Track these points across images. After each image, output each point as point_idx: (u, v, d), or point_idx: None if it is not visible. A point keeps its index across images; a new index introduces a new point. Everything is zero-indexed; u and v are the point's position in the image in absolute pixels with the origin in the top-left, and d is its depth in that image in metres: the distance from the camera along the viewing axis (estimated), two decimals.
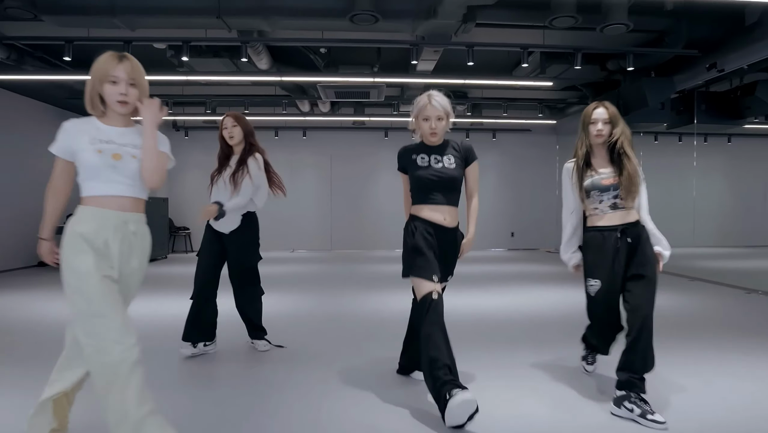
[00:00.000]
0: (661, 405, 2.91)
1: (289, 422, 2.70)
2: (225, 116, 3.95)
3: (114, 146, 2.20)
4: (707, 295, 6.75)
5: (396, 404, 2.96)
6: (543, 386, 3.27)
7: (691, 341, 4.44)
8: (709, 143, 13.38)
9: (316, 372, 3.54)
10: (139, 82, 2.25)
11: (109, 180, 2.20)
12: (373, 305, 6.00)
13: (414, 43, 6.58)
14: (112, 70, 2.19)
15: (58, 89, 9.31)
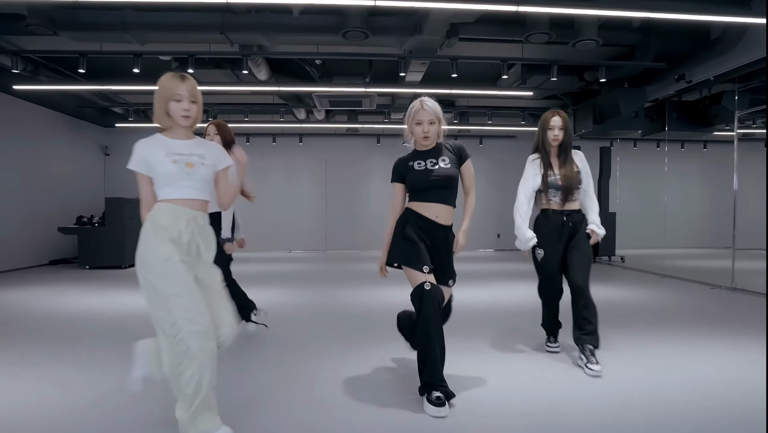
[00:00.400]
0: (624, 378, 3.39)
1: (285, 402, 3.09)
2: (209, 124, 4.16)
3: (185, 156, 2.53)
4: (675, 290, 7.17)
5: (385, 387, 3.38)
6: (518, 364, 3.70)
7: (655, 328, 4.89)
8: (686, 149, 13.86)
9: (309, 357, 3.95)
10: (197, 99, 2.58)
11: (184, 186, 2.52)
12: (364, 299, 6.44)
13: (402, 56, 7.02)
14: (176, 89, 2.50)
15: (68, 98, 9.72)
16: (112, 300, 6.35)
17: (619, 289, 7.32)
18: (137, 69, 6.66)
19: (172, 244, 2.43)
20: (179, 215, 2.49)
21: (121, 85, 8.46)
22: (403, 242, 3.02)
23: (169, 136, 2.58)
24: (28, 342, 4.33)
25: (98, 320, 5.21)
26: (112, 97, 10.55)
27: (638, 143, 13.52)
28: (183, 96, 2.50)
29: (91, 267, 9.75)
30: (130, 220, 9.85)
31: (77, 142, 11.53)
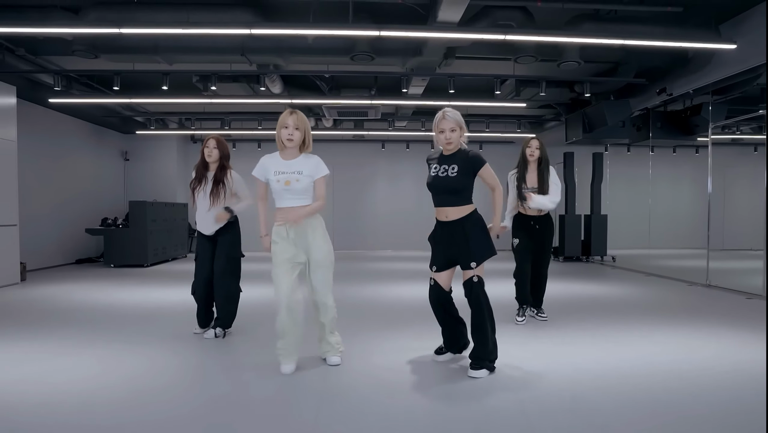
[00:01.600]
0: (606, 361, 4.10)
1: (294, 393, 3.64)
2: (209, 138, 4.55)
3: (285, 175, 3.56)
4: (657, 287, 7.83)
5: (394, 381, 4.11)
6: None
7: (638, 320, 5.60)
8: (678, 154, 14.47)
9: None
10: (301, 128, 3.57)
11: (285, 198, 3.59)
12: (371, 295, 7.14)
13: (404, 74, 7.76)
14: (285, 121, 3.55)
15: (96, 109, 10.48)
16: (136, 295, 7.00)
17: (609, 286, 7.93)
18: (166, 87, 7.42)
19: (281, 243, 3.60)
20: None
21: (147, 98, 9.21)
22: (433, 249, 3.75)
23: (281, 156, 3.64)
24: (65, 330, 4.89)
25: (126, 313, 5.78)
26: (135, 107, 11.29)
27: (632, 148, 14.09)
28: (289, 125, 3.54)
29: (116, 265, 10.48)
30: (152, 222, 10.60)
31: (100, 148, 12.28)
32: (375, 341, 4.50)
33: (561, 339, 4.58)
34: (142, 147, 13.45)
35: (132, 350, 4.20)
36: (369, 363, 3.84)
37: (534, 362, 3.86)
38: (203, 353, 4.16)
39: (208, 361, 3.95)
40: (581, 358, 3.99)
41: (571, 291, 7.37)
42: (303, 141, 3.62)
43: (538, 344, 4.41)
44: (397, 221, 14.87)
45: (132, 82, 9.35)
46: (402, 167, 15.00)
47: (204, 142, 4.60)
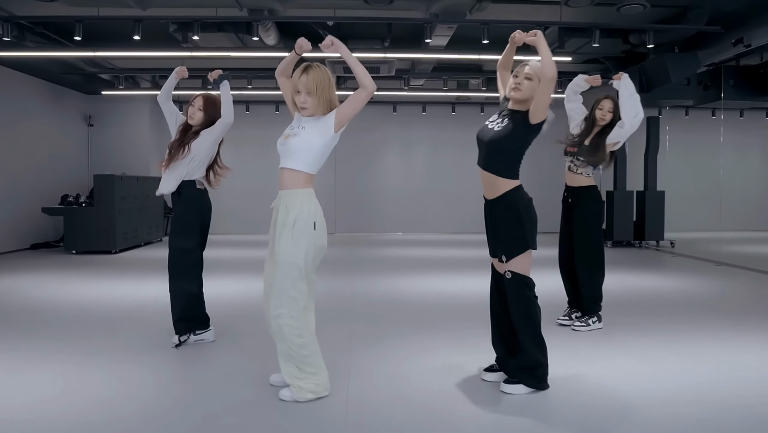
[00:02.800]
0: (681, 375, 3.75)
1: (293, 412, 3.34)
2: (197, 96, 4.35)
3: (288, 129, 3.44)
4: (733, 280, 7.52)
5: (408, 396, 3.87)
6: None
7: (712, 324, 5.28)
8: (746, 118, 14.09)
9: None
10: (316, 93, 3.20)
11: (281, 158, 3.43)
12: (381, 289, 6.91)
13: (428, 21, 7.42)
14: (296, 83, 3.22)
15: (54, 64, 10.14)
16: (101, 288, 6.76)
17: (673, 279, 7.66)
18: (138, 36, 7.10)
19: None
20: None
21: (115, 51, 8.89)
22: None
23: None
24: (15, 337, 4.62)
25: (86, 311, 5.55)
26: (100, 62, 10.96)
27: (690, 111, 13.74)
28: (300, 90, 3.20)
29: (78, 252, 10.23)
30: (121, 200, 10.35)
31: (58, 111, 11.98)
32: (399, 354, 4.22)
33: (622, 350, 4.29)
34: (109, 110, 13.14)
35: (98, 363, 3.94)
36: (395, 388, 3.50)
37: (593, 379, 3.60)
38: (185, 364, 3.95)
39: (193, 374, 3.74)
40: (652, 375, 3.69)
41: (625, 285, 7.08)
42: (328, 103, 3.30)
43: (595, 357, 4.14)
44: (409, 198, 14.61)
45: (97, 32, 8.99)
46: (416, 134, 14.68)
47: (190, 101, 4.34)
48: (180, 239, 4.27)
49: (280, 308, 3.14)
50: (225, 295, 6.22)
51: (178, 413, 3.10)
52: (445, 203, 14.35)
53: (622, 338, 4.59)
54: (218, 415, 3.01)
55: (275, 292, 3.17)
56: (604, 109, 4.73)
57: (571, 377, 3.60)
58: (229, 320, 5.06)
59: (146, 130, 13.38)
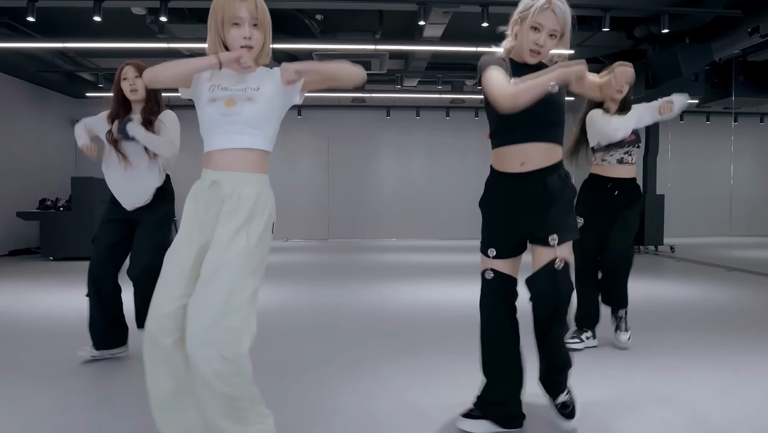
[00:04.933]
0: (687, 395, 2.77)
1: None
2: (125, 65, 3.42)
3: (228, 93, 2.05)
4: (748, 286, 6.52)
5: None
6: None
7: (725, 334, 4.21)
8: (740, 123, 13.11)
9: (310, 381, 3.23)
10: (263, 27, 2.08)
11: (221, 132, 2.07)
12: (375, 298, 5.82)
13: (421, 1, 6.28)
14: (235, 10, 2.00)
15: (28, 61, 9.01)
16: (81, 298, 5.70)
17: (681, 285, 6.72)
18: (98, 17, 5.93)
19: None
20: None
21: (86, 42, 7.77)
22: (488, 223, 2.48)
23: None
24: None
25: (64, 322, 4.61)
26: (80, 60, 9.88)
27: (686, 117, 12.80)
28: (243, 19, 2.01)
29: (56, 258, 9.18)
30: (101, 204, 9.16)
31: (42, 114, 10.90)
32: (394, 386, 3.02)
33: (650, 368, 3.12)
34: (95, 113, 11.99)
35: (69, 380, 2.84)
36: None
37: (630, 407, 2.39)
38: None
39: None
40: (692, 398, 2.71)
41: (639, 291, 6.01)
42: (262, 48, 2.10)
43: (624, 379, 2.93)
44: (403, 203, 13.60)
45: (65, 22, 7.87)
46: (411, 139, 13.68)
47: (118, 74, 3.43)
48: (165, 238, 3.47)
49: (219, 340, 1.83)
50: None
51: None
52: (440, 209, 13.45)
53: (650, 354, 3.41)
54: None
55: (218, 313, 1.84)
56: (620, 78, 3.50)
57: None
58: None
59: None
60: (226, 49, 2.05)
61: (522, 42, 2.26)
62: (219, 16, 2.03)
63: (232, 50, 2.03)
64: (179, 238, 2.01)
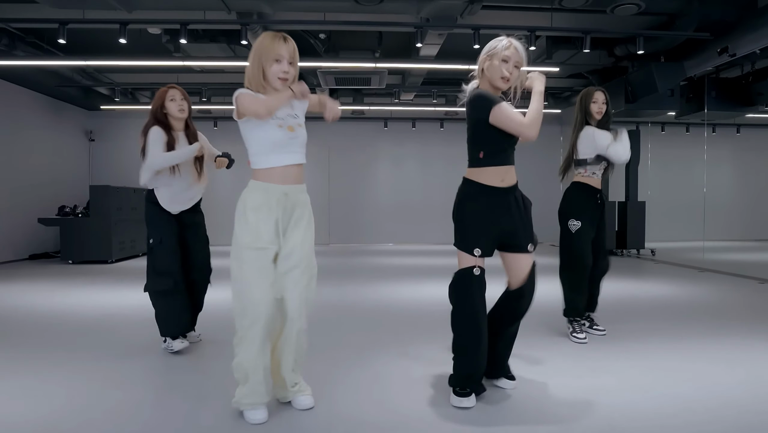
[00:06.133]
0: (658, 387, 3.08)
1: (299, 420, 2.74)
2: (171, 88, 3.72)
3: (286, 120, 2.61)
4: (717, 285, 6.85)
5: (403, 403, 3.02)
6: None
7: (695, 327, 4.56)
8: (718, 134, 13.49)
9: (316, 369, 3.60)
10: (296, 64, 2.58)
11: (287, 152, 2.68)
12: (375, 296, 6.15)
13: (418, 25, 6.64)
14: (278, 48, 2.49)
15: (48, 76, 9.32)
16: (98, 297, 6.02)
17: (657, 283, 7.01)
18: (124, 40, 6.27)
19: None
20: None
21: (107, 60, 8.09)
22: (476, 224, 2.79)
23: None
24: (9, 345, 4.00)
25: (83, 320, 4.87)
26: (97, 76, 10.18)
27: (667, 127, 13.19)
28: (283, 57, 2.50)
29: (75, 262, 9.42)
30: (117, 211, 9.50)
31: (59, 126, 11.16)
32: (394, 365, 3.40)
33: (633, 358, 3.50)
34: (109, 125, 12.32)
35: (89, 373, 3.23)
36: (390, 402, 2.73)
37: (621, 390, 2.79)
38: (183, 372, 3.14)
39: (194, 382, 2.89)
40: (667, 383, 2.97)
41: (619, 290, 6.36)
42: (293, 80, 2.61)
43: (611, 367, 3.33)
44: (400, 211, 13.82)
45: (88, 42, 8.20)
46: (407, 149, 13.93)
47: (165, 94, 3.69)
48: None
49: (302, 315, 2.60)
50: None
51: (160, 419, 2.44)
52: (434, 215, 13.62)
53: (628, 345, 3.81)
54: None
55: (303, 298, 2.58)
56: (598, 101, 4.05)
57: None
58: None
59: None
60: (264, 80, 2.51)
61: (493, 74, 2.73)
62: (264, 52, 2.50)
63: (272, 81, 2.50)
64: (260, 236, 2.45)
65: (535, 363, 3.43)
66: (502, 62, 2.71)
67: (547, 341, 4.00)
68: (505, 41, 2.74)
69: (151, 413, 2.65)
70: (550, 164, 13.49)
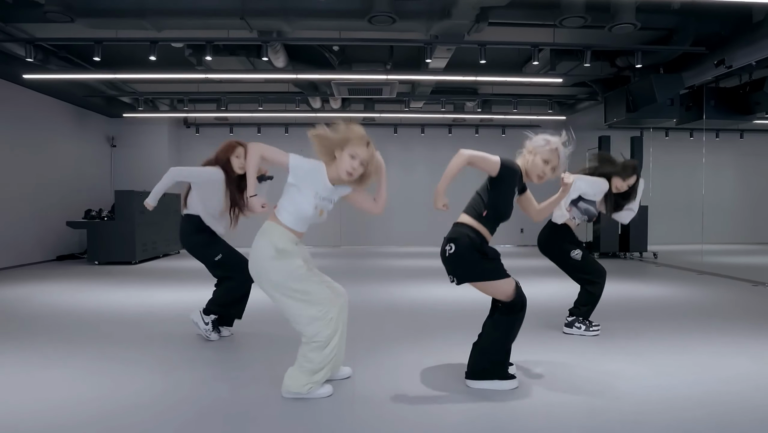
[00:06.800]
0: (658, 379, 3.47)
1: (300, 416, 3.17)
2: (239, 145, 4.20)
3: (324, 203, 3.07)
4: (714, 287, 7.21)
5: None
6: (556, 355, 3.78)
7: (690, 326, 4.96)
8: (721, 139, 13.80)
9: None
10: (367, 169, 2.97)
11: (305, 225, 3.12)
12: (385, 296, 6.59)
13: (428, 42, 7.07)
14: (359, 147, 2.90)
15: (76, 87, 9.84)
16: (123, 296, 6.45)
17: (656, 286, 7.37)
18: (153, 57, 6.75)
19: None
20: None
21: (134, 73, 8.57)
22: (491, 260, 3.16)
23: (329, 175, 3.00)
24: (36, 338, 4.42)
25: (109, 317, 5.28)
26: (121, 86, 10.67)
27: (670, 133, 13.51)
28: (359, 157, 2.90)
29: (100, 263, 9.91)
30: (140, 214, 9.99)
31: (83, 133, 11.67)
32: (409, 358, 3.84)
33: (627, 352, 3.92)
34: (131, 132, 12.83)
35: (117, 367, 3.62)
36: (398, 385, 3.17)
37: (608, 381, 3.21)
38: (205, 365, 3.56)
39: (217, 374, 3.34)
40: (655, 373, 3.36)
41: (619, 292, 6.77)
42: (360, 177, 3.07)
43: (606, 359, 3.75)
44: (409, 213, 14.21)
45: (116, 56, 8.69)
46: (416, 154, 14.38)
47: (233, 150, 4.21)
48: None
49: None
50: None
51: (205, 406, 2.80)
52: (444, 218, 13.94)
53: (626, 343, 4.24)
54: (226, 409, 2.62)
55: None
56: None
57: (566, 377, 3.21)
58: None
59: (165, 150, 13.01)
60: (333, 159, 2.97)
61: (532, 168, 3.22)
62: (351, 143, 2.90)
63: (340, 170, 2.94)
64: (311, 276, 3.04)
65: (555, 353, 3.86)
66: (543, 162, 3.18)
67: (546, 337, 4.43)
68: (553, 145, 3.18)
69: (199, 393, 3.10)
70: None
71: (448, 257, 3.14)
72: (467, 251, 3.09)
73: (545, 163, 3.17)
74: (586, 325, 4.54)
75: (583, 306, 4.56)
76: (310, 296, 2.93)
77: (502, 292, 3.12)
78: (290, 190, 2.98)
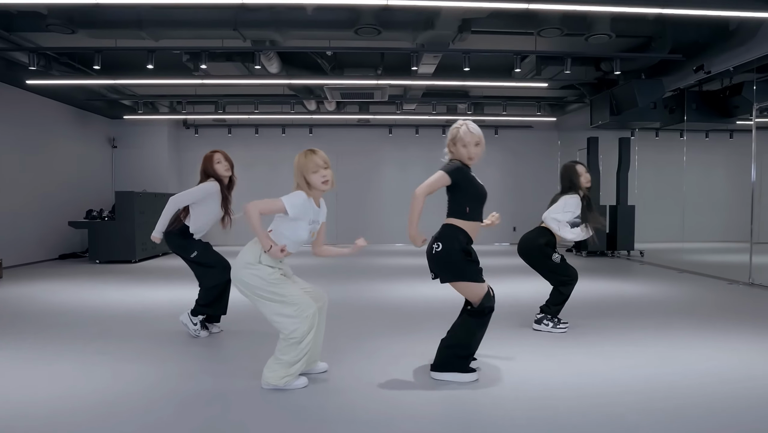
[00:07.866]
0: (635, 369, 3.80)
1: (296, 404, 3.52)
2: (217, 152, 4.62)
3: (315, 225, 3.50)
4: (691, 285, 7.51)
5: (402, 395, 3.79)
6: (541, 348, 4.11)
7: (671, 323, 5.27)
8: (711, 139, 14.03)
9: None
10: (329, 164, 3.38)
11: (298, 246, 3.48)
12: (379, 293, 6.88)
13: (414, 50, 7.40)
14: (316, 162, 3.31)
15: (78, 91, 10.17)
16: (122, 294, 6.78)
17: (638, 284, 7.63)
18: (151, 65, 7.08)
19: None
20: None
21: (133, 78, 8.91)
22: (472, 263, 3.44)
23: (313, 198, 3.40)
24: (40, 334, 4.74)
25: (109, 314, 5.59)
26: (121, 89, 10.99)
27: (660, 133, 13.73)
28: (320, 165, 3.31)
29: (101, 261, 10.25)
30: (140, 214, 10.32)
31: (85, 134, 12.00)
32: (390, 350, 4.18)
33: (591, 348, 4.26)
34: (131, 133, 13.17)
35: (118, 360, 3.97)
36: (374, 379, 3.52)
37: (565, 375, 3.55)
38: (194, 358, 3.89)
39: (212, 367, 3.67)
40: (609, 369, 3.69)
41: (598, 290, 7.07)
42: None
43: (569, 355, 4.08)
44: (404, 212, 14.19)
45: (115, 62, 9.04)
46: (411, 154, 14.67)
47: (212, 159, 4.60)
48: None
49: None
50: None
51: (176, 401, 3.08)
52: (437, 216, 14.22)
53: (593, 337, 4.57)
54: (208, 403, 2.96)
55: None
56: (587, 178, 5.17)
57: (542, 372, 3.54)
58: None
59: (165, 151, 13.36)
60: (308, 185, 3.35)
61: (461, 156, 3.46)
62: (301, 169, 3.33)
63: (317, 187, 3.35)
64: (287, 280, 3.41)
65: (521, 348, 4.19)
66: (463, 147, 3.43)
67: (514, 333, 4.77)
68: (460, 130, 3.43)
69: (186, 385, 3.45)
70: (546, 167, 14.20)
71: (434, 254, 3.44)
72: (453, 250, 3.37)
73: (465, 147, 3.42)
74: (554, 322, 4.87)
75: (554, 305, 4.92)
76: (285, 298, 3.27)
77: (474, 294, 3.42)
78: (285, 219, 3.34)
